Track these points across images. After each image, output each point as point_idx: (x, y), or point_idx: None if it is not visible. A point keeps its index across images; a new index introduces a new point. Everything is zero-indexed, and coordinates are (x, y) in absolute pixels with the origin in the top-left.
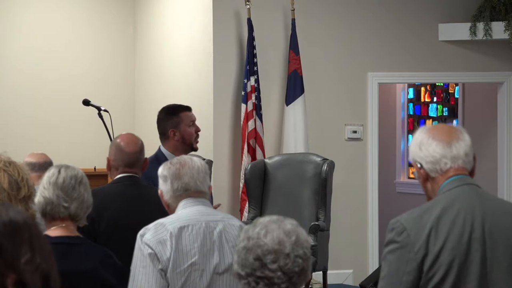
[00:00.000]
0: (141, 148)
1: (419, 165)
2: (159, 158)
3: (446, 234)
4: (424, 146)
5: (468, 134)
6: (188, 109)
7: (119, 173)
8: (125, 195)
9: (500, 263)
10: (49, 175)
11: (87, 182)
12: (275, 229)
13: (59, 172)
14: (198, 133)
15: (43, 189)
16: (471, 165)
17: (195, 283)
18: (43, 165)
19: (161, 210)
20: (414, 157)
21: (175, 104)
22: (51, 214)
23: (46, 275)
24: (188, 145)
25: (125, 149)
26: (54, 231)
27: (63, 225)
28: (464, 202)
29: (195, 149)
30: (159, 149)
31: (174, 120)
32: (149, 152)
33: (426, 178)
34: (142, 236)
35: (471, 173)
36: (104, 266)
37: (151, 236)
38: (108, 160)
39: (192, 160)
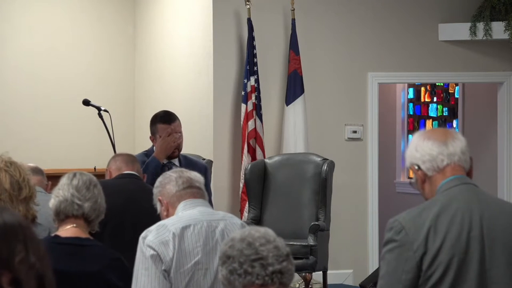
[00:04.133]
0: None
1: (416, 167)
2: (149, 154)
3: (444, 232)
4: (420, 147)
5: (464, 137)
6: (166, 121)
7: (121, 172)
8: (128, 188)
9: (498, 261)
10: (64, 178)
11: (101, 189)
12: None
13: (74, 175)
14: (179, 143)
15: (57, 190)
16: (467, 164)
17: (198, 282)
18: (34, 170)
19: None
20: (411, 160)
21: (159, 113)
22: (64, 212)
23: (41, 275)
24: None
25: (122, 156)
26: (65, 232)
27: (75, 225)
28: (462, 200)
29: (173, 157)
30: (152, 145)
31: (153, 129)
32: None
33: (423, 179)
34: (144, 238)
35: (469, 174)
36: (112, 269)
37: (153, 238)
38: (108, 170)
39: (187, 170)
